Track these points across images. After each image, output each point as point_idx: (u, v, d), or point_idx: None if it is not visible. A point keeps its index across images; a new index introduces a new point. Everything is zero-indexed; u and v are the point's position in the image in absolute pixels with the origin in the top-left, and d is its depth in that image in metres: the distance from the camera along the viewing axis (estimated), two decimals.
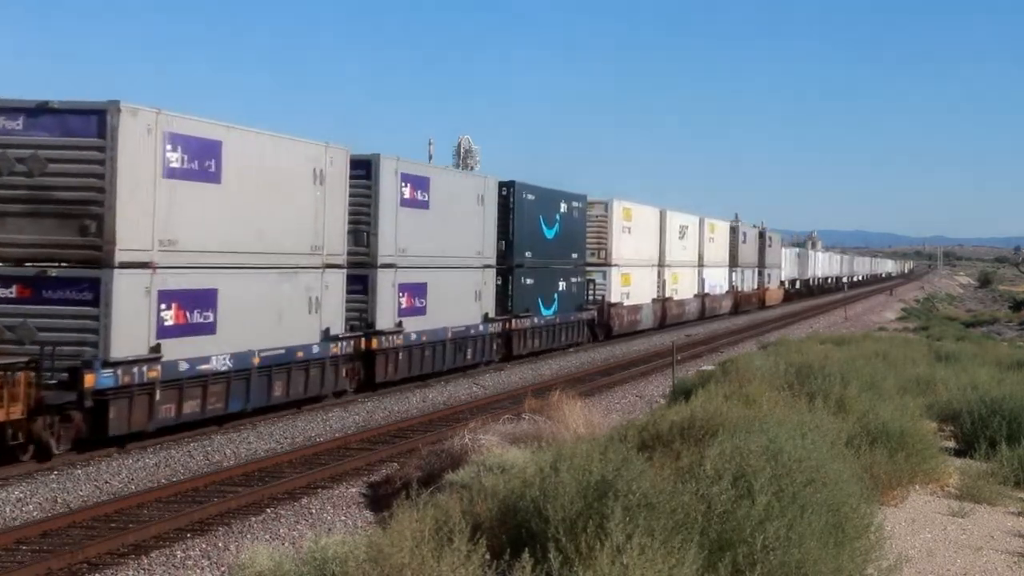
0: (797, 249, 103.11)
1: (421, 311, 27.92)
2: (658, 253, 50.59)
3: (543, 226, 36.68)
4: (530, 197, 35.33)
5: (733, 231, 67.02)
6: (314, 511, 15.40)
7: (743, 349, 39.80)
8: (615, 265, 44.18)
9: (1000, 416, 16.98)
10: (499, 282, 33.21)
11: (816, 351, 25.60)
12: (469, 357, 30.93)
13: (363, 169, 25.76)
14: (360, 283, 25.72)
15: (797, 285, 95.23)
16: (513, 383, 29.83)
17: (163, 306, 18.63)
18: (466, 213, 30.84)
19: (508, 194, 33.81)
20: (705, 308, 58.92)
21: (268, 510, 15.25)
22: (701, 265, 58.32)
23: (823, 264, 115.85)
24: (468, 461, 14.74)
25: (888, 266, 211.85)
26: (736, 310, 66.83)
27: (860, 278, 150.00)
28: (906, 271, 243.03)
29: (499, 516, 9.12)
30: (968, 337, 48.28)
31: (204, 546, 13.42)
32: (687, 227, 55.52)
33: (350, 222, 25.04)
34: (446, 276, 29.45)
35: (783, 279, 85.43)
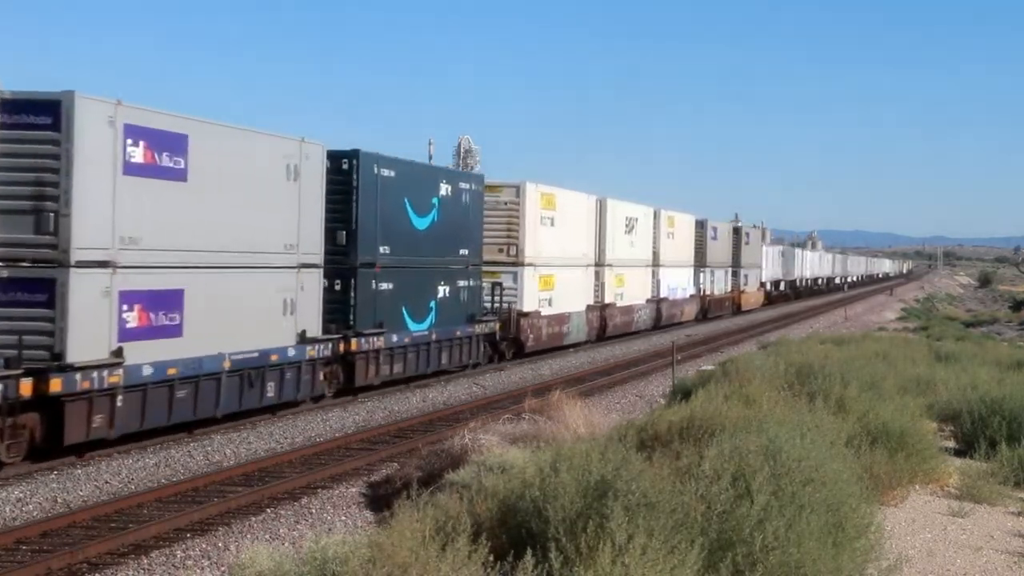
0: (781, 247, 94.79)
1: (171, 331, 19.03)
2: (595, 250, 42.14)
3: (411, 213, 27.65)
4: (387, 173, 26.26)
5: (700, 226, 59.11)
6: (314, 511, 15.41)
7: (743, 349, 39.89)
8: (530, 264, 35.23)
9: (1000, 416, 17.02)
10: (337, 287, 24.79)
11: (816, 351, 25.66)
12: (271, 395, 21.91)
13: (47, 115, 16.81)
14: (42, 291, 16.85)
15: (781, 287, 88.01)
16: (513, 383, 29.85)
17: None
18: (266, 190, 21.73)
19: (351, 168, 24.98)
20: (662, 315, 50.74)
21: (268, 510, 15.26)
22: (656, 265, 50.28)
23: (812, 264, 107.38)
24: (468, 461, 14.76)
25: (886, 266, 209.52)
26: (704, 316, 59.62)
27: (855, 279, 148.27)
28: (904, 271, 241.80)
29: (499, 516, 9.14)
30: (968, 337, 48.34)
31: (204, 546, 13.44)
32: (636, 219, 47.28)
33: (25, 196, 16.84)
34: (224, 279, 20.52)
35: (764, 280, 77.83)
